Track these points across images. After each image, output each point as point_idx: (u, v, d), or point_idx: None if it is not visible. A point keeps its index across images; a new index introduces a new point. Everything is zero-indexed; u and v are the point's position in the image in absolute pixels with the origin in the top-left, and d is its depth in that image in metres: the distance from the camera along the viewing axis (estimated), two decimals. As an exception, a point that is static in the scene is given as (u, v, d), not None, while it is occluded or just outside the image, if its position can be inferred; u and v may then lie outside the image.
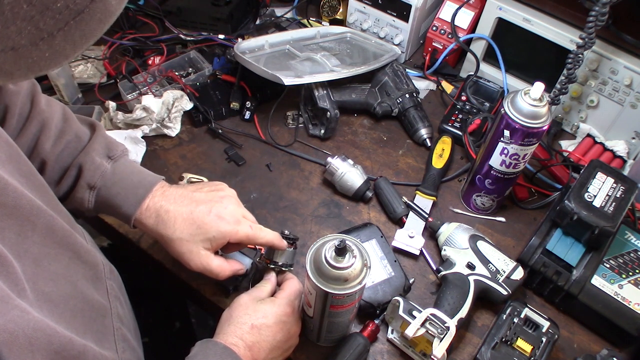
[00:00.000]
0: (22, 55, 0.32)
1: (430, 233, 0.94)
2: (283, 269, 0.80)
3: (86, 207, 0.74)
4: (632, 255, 0.86)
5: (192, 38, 1.22)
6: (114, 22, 0.35)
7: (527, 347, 0.76)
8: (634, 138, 1.05)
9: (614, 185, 0.86)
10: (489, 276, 0.84)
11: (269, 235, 0.77)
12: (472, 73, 1.17)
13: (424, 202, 0.98)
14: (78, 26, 0.32)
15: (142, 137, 1.03)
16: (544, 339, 0.77)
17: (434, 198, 0.99)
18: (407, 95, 1.11)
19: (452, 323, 0.74)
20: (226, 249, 0.77)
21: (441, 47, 1.21)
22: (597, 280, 0.84)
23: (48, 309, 0.54)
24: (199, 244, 0.72)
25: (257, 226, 0.77)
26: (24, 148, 0.71)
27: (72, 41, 0.33)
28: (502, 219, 0.99)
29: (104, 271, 0.70)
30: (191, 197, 0.75)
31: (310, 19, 1.31)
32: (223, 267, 0.74)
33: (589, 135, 1.09)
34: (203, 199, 0.75)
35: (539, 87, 0.81)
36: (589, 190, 0.85)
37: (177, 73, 1.14)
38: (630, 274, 0.84)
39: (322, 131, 1.08)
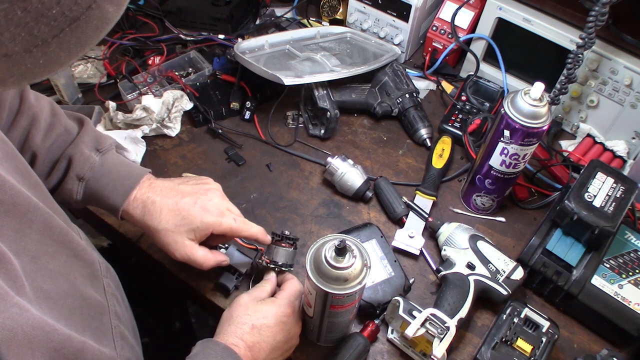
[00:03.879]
0: (16, 62, 0.31)
1: (430, 233, 0.94)
2: (283, 269, 0.80)
3: (74, 199, 0.75)
4: (632, 255, 0.86)
5: (192, 38, 1.22)
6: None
7: (527, 347, 0.76)
8: (634, 138, 1.05)
9: (614, 185, 0.86)
10: (489, 276, 0.84)
11: (253, 229, 0.78)
12: (472, 73, 1.17)
13: (424, 202, 0.98)
14: (73, 33, 0.31)
15: (142, 137, 1.03)
16: (544, 339, 0.77)
17: (434, 198, 0.99)
18: (407, 95, 1.11)
19: (452, 323, 0.74)
20: (210, 240, 0.78)
21: (441, 47, 1.21)
22: (597, 280, 0.84)
23: (47, 306, 0.54)
24: (184, 234, 0.74)
25: (241, 219, 0.78)
26: (15, 142, 0.71)
27: (67, 48, 0.32)
28: (502, 219, 0.99)
29: (100, 269, 0.70)
30: (177, 189, 0.77)
31: (310, 19, 1.31)
32: (207, 257, 0.76)
33: (589, 135, 1.09)
34: (189, 191, 0.76)
35: (539, 87, 0.81)
36: (589, 190, 0.85)
37: (177, 73, 1.14)
38: (630, 274, 0.84)
39: (322, 131, 1.08)
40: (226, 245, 0.86)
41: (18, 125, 0.71)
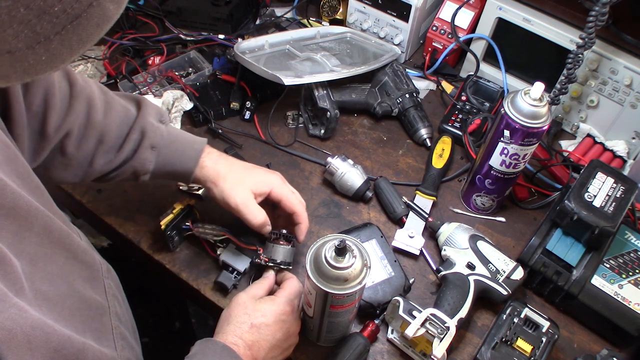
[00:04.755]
0: (19, 59, 0.31)
1: (430, 233, 0.94)
2: (282, 267, 0.80)
3: (146, 168, 0.80)
4: (632, 255, 0.86)
5: (192, 38, 1.22)
6: (114, 23, 0.35)
7: (527, 347, 0.76)
8: (634, 138, 1.05)
9: (614, 185, 0.86)
10: (489, 276, 0.84)
11: (304, 212, 0.84)
12: (472, 73, 1.17)
13: (424, 202, 0.98)
14: (75, 30, 0.32)
15: (142, 137, 1.03)
16: (544, 339, 0.77)
17: (434, 198, 0.99)
18: (407, 95, 1.11)
19: (452, 323, 0.74)
20: (266, 205, 0.83)
21: (441, 47, 1.21)
22: (597, 280, 0.84)
23: (46, 307, 0.54)
24: (247, 185, 0.81)
25: (299, 195, 0.85)
26: (75, 125, 0.73)
27: (69, 45, 0.33)
28: (502, 219, 0.99)
29: (101, 270, 0.70)
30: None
31: (310, 19, 1.31)
32: (261, 212, 0.80)
33: (589, 135, 1.09)
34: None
35: (539, 87, 0.81)
36: (589, 190, 0.85)
37: (177, 73, 1.14)
38: (630, 274, 0.84)
39: (322, 131, 1.08)
40: (224, 244, 0.86)
41: (76, 109, 0.73)
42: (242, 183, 0.81)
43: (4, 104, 0.63)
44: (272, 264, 0.80)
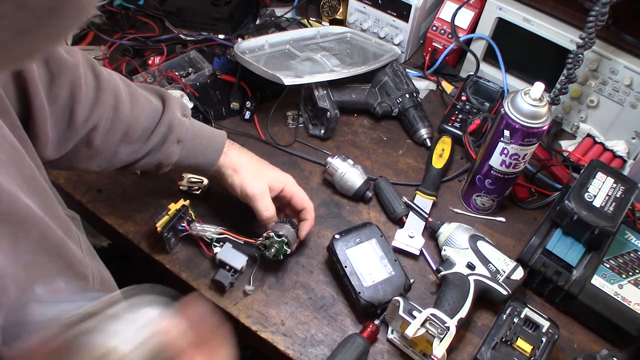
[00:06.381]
0: (3, 50, 0.34)
1: (430, 233, 0.94)
2: (284, 245, 0.82)
3: (171, 161, 0.83)
4: (632, 255, 0.86)
5: (192, 38, 1.22)
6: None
7: (527, 347, 0.76)
8: (634, 138, 1.05)
9: (614, 185, 0.86)
10: (489, 276, 0.84)
11: (311, 205, 0.89)
12: (472, 73, 1.17)
13: (424, 202, 0.98)
14: (53, 22, 0.34)
15: (142, 137, 1.02)
16: (544, 339, 0.77)
17: (434, 198, 0.99)
18: (407, 95, 1.11)
19: (452, 323, 0.74)
20: (278, 200, 0.88)
21: (441, 47, 1.21)
22: (597, 280, 0.84)
23: None
24: (264, 178, 0.86)
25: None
26: (103, 119, 0.73)
27: (48, 36, 0.35)
28: (502, 219, 0.99)
29: (93, 283, 0.69)
30: None
31: (310, 19, 1.31)
32: (272, 206, 0.85)
33: (589, 135, 1.09)
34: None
35: (539, 87, 0.81)
36: (589, 190, 0.85)
37: (177, 73, 1.14)
38: (630, 274, 0.84)
39: (322, 131, 1.08)
40: (221, 244, 0.86)
41: (103, 102, 0.73)
42: (261, 176, 0.86)
43: (24, 100, 0.63)
44: (272, 234, 0.82)
